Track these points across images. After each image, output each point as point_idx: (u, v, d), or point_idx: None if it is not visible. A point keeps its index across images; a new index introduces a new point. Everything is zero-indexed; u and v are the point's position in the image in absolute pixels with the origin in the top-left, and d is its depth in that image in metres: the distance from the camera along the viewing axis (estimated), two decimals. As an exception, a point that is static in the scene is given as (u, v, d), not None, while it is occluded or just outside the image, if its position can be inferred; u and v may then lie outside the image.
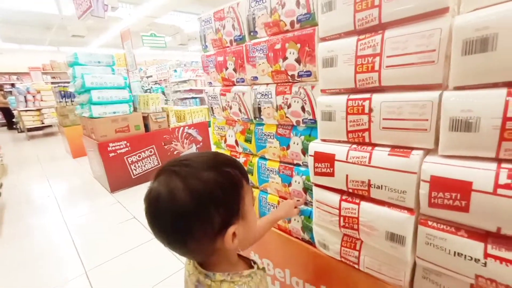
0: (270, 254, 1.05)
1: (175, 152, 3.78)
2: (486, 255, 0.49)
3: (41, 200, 3.01)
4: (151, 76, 8.93)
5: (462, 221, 0.52)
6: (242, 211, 0.51)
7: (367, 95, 0.62)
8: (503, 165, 0.47)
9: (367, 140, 0.65)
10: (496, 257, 0.48)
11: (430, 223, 0.57)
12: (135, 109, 3.41)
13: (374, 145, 0.65)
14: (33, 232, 2.32)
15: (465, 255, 0.52)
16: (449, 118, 0.51)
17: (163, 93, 6.81)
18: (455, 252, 0.53)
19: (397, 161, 0.58)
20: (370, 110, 0.62)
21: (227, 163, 0.52)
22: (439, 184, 0.52)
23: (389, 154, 0.60)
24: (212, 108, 1.17)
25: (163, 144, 3.51)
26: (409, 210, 0.60)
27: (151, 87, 6.82)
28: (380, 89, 0.62)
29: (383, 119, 0.60)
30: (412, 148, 0.59)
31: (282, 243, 0.98)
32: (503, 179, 0.45)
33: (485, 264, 0.49)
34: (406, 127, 0.58)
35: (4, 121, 8.75)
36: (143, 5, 5.96)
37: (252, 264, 0.60)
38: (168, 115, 3.61)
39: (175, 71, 7.61)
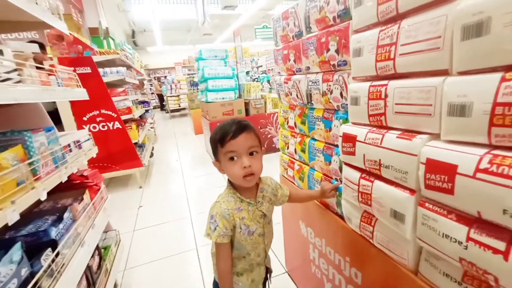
0: (313, 224, 1.19)
1: (268, 136, 4.21)
2: (468, 238, 0.50)
3: (173, 162, 4.13)
4: (261, 66, 9.77)
5: (449, 204, 0.53)
6: (220, 158, 0.83)
7: (384, 82, 0.68)
8: (493, 151, 0.46)
9: (384, 123, 0.70)
10: (476, 241, 0.49)
11: (427, 204, 0.59)
12: (239, 96, 4.02)
13: (389, 128, 0.69)
14: (166, 182, 3.30)
15: (451, 237, 0.53)
16: (447, 103, 0.53)
17: (268, 81, 7.39)
18: (443, 233, 0.55)
19: (402, 144, 0.63)
20: (386, 95, 0.67)
21: (221, 129, 0.82)
22: (433, 166, 0.55)
23: (397, 137, 0.64)
24: (279, 94, 1.37)
25: (259, 127, 3.98)
26: (411, 190, 0.63)
27: (258, 76, 7.53)
28: (398, 76, 0.65)
29: (395, 104, 0.65)
30: (420, 133, 0.61)
31: (320, 215, 1.11)
32: (484, 164, 0.46)
33: (466, 247, 0.50)
34: (414, 112, 0.61)
35: (159, 104, 11.99)
36: (259, -1, 6.60)
37: (255, 202, 0.88)
38: (265, 102, 4.03)
39: (281, 61, 8.02)
